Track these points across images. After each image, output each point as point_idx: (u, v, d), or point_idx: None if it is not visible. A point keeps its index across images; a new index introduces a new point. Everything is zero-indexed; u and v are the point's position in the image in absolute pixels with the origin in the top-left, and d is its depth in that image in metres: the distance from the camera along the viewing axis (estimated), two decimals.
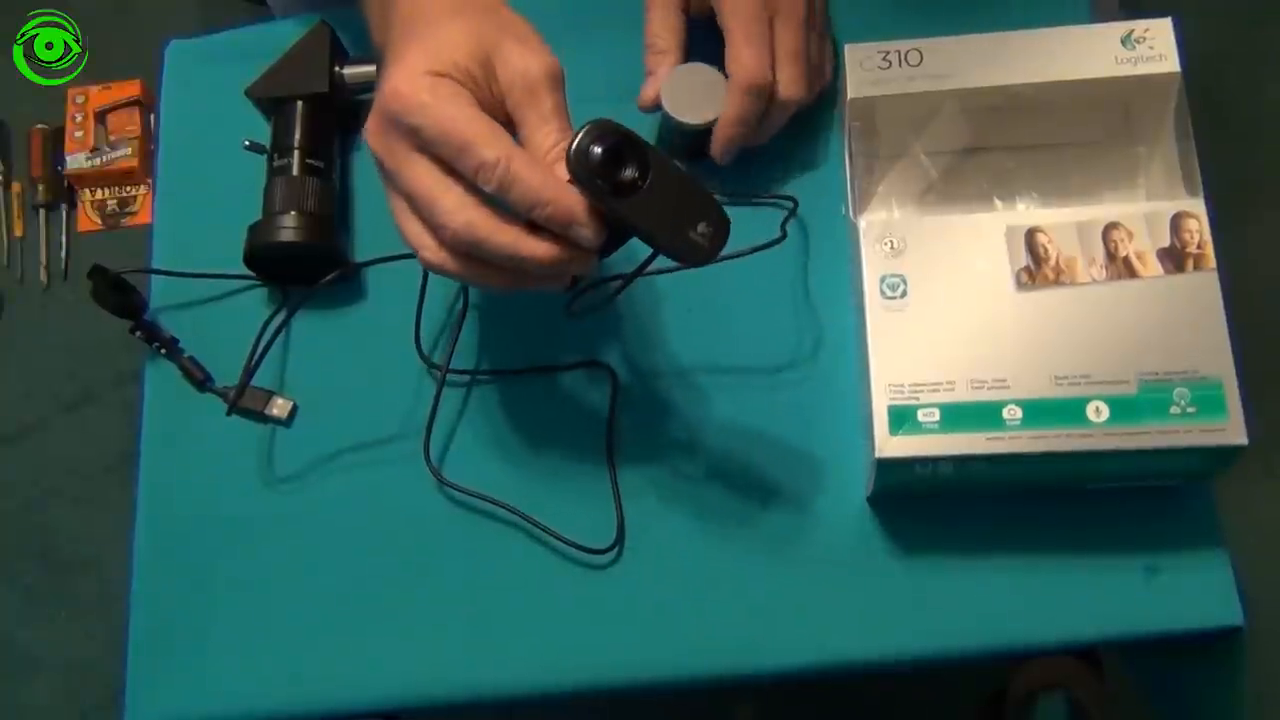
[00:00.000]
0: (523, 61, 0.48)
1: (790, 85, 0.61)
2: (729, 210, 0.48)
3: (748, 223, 0.64)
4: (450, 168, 0.47)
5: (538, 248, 0.47)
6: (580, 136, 0.45)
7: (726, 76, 0.61)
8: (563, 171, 0.46)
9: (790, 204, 0.64)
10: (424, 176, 0.47)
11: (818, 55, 0.63)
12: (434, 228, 0.48)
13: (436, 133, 0.46)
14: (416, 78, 0.46)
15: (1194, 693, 0.64)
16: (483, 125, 0.46)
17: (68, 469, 1.43)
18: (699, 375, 0.62)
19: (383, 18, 0.54)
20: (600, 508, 0.60)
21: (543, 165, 0.46)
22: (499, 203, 0.47)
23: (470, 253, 0.47)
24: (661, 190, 0.46)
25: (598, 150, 0.45)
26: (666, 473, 0.61)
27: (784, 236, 0.61)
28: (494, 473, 0.61)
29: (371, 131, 0.49)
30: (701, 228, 0.47)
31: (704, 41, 0.63)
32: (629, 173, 0.46)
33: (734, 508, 0.60)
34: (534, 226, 0.47)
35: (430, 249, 0.48)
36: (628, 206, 0.46)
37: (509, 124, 0.48)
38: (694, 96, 0.62)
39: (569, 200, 0.46)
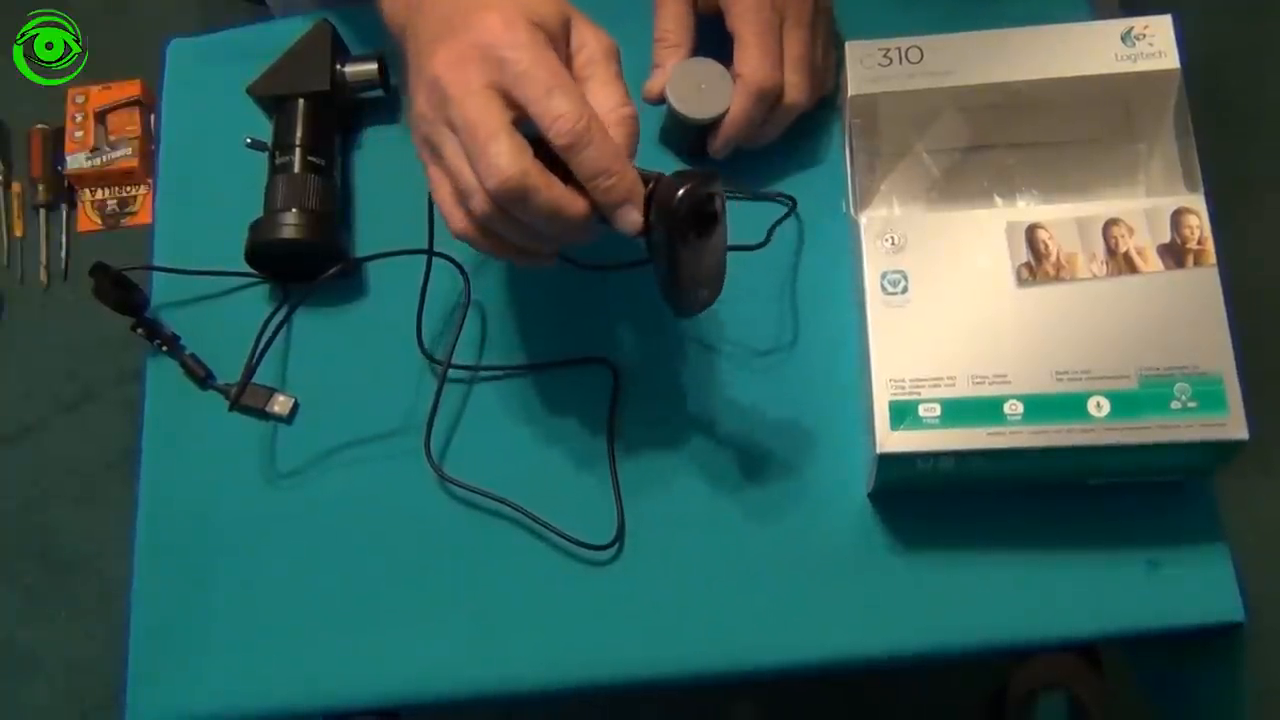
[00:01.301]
0: (595, 32, 0.50)
1: (796, 91, 0.62)
2: (729, 204, 0.49)
3: (747, 214, 0.64)
4: (519, 116, 0.47)
5: (580, 206, 0.48)
6: (703, 178, 0.47)
7: (732, 73, 0.61)
8: (620, 137, 0.48)
9: (789, 203, 0.64)
10: (494, 112, 0.47)
11: (822, 60, 0.64)
12: (483, 166, 0.47)
13: (529, 69, 0.47)
14: (518, 21, 0.47)
15: (1194, 690, 0.64)
16: (572, 82, 0.48)
17: (68, 469, 1.43)
18: (699, 371, 0.62)
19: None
20: (601, 504, 0.60)
21: (612, 139, 0.48)
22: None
23: (508, 205, 0.47)
24: (705, 251, 0.50)
25: (701, 202, 0.47)
26: (667, 469, 0.61)
27: (767, 241, 0.61)
28: (495, 469, 0.61)
29: (445, 63, 0.48)
30: (704, 294, 0.51)
31: (711, 37, 0.63)
32: (700, 229, 0.48)
33: (734, 504, 0.60)
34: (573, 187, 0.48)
35: (459, 210, 0.49)
36: (682, 251, 0.48)
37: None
38: (699, 91, 0.62)
39: (633, 178, 0.47)
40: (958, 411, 0.53)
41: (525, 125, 0.48)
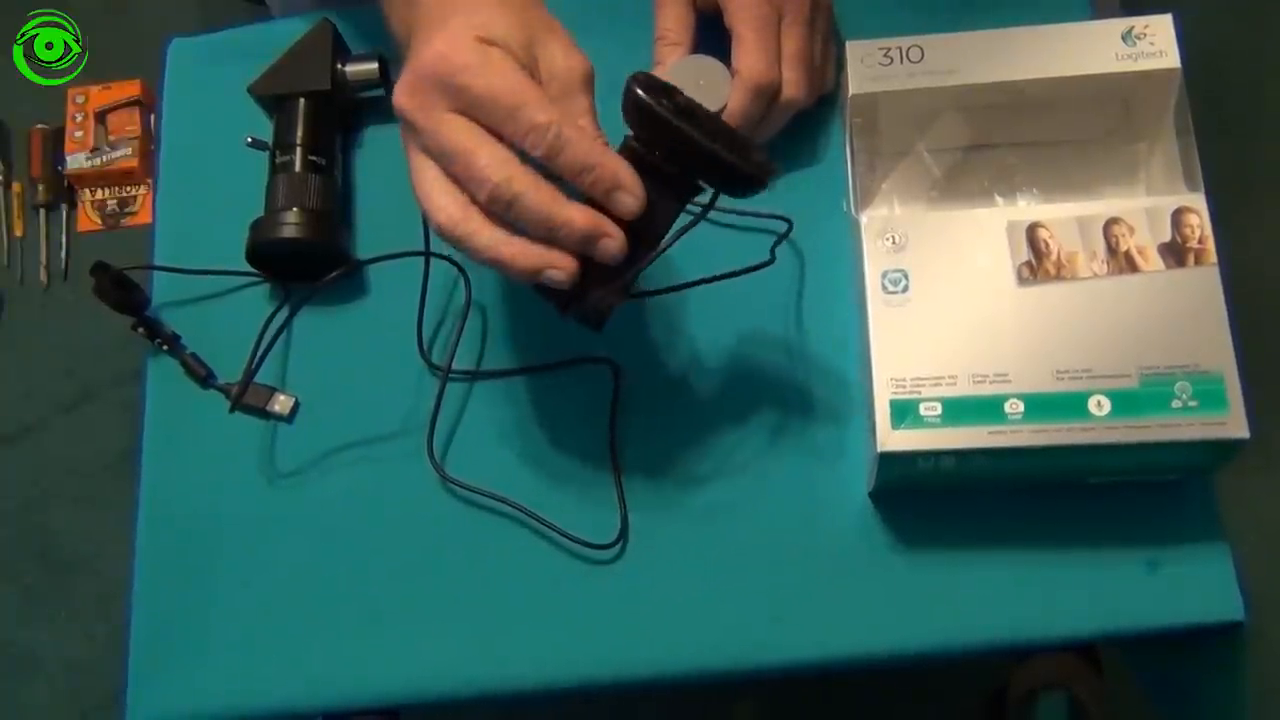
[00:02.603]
0: (565, 59, 0.49)
1: (794, 87, 0.62)
2: (723, 230, 0.48)
3: (745, 236, 0.64)
4: (491, 130, 0.47)
5: (575, 213, 0.47)
6: (634, 77, 0.46)
7: (730, 70, 0.61)
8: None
9: (785, 225, 0.63)
10: (463, 132, 0.47)
11: (820, 58, 0.64)
12: (470, 183, 0.47)
13: (485, 94, 0.47)
14: (466, 42, 0.47)
15: (1195, 690, 0.64)
16: (534, 91, 0.47)
17: (68, 469, 1.43)
18: (701, 370, 0.62)
19: (407, 8, 0.54)
20: (603, 504, 0.60)
21: (588, 133, 0.47)
22: (538, 168, 0.47)
23: (502, 213, 0.48)
24: (713, 121, 0.48)
25: (655, 83, 0.46)
26: (669, 468, 0.61)
27: (772, 260, 0.60)
28: (497, 469, 0.61)
29: (404, 91, 0.49)
30: (757, 155, 0.48)
31: (714, 36, 0.63)
32: (683, 99, 0.47)
33: (736, 503, 0.60)
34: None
35: (449, 210, 0.48)
36: (695, 128, 0.46)
37: None
38: (697, 88, 0.62)
39: (616, 163, 0.47)
40: (958, 410, 0.53)
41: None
